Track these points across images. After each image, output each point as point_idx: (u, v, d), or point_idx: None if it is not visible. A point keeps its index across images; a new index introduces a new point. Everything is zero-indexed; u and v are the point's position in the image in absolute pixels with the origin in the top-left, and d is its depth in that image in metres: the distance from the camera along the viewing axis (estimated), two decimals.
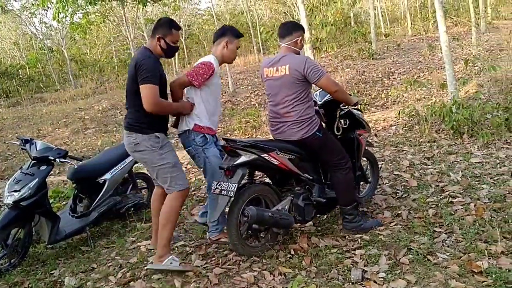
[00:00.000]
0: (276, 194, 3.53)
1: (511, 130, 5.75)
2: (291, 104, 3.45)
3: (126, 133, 3.41)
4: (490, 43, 12.57)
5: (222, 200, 3.22)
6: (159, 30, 3.39)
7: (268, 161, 3.32)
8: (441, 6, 6.54)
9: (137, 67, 3.21)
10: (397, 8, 30.43)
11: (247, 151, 3.28)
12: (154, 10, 24.26)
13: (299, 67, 3.38)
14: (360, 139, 3.95)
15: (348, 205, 3.60)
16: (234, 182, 3.18)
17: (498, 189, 4.04)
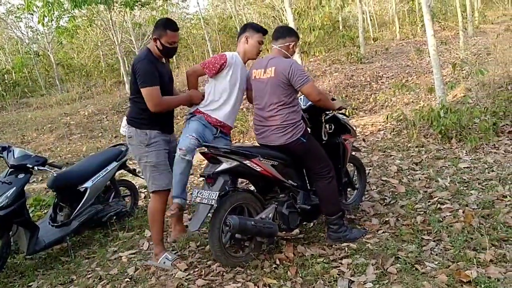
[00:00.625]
0: (259, 202, 3.41)
1: (499, 135, 5.73)
2: (276, 108, 3.36)
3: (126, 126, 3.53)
4: (477, 47, 12.61)
5: (203, 209, 3.12)
6: (155, 31, 3.46)
7: (251, 168, 3.21)
8: (429, 10, 6.51)
9: (134, 70, 3.35)
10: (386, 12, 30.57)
11: (228, 157, 3.18)
12: (142, 14, 24.08)
13: (285, 70, 3.30)
14: (345, 144, 3.87)
15: (333, 214, 3.49)
16: (215, 190, 3.08)
17: (487, 195, 3.99)
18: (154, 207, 3.50)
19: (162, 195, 3.48)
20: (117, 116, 12.26)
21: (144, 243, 3.99)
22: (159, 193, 3.46)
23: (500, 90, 7.22)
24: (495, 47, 7.49)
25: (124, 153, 4.65)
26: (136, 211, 4.85)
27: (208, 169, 3.25)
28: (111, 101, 14.22)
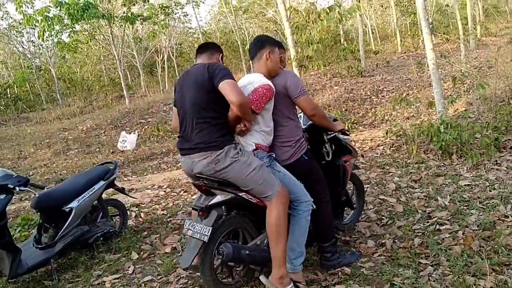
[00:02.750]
0: (255, 227, 3.18)
1: (501, 150, 5.57)
2: (280, 120, 3.18)
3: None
4: (479, 60, 12.50)
5: (194, 244, 2.88)
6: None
7: (246, 200, 2.99)
8: (427, 24, 6.40)
9: (212, 73, 2.88)
10: (388, 26, 30.62)
11: (223, 189, 2.96)
12: (144, 28, 24.17)
13: (283, 81, 3.15)
14: (346, 166, 3.69)
15: (326, 241, 3.29)
16: (208, 225, 2.86)
17: (488, 215, 3.81)
18: (279, 214, 2.88)
19: (286, 198, 2.95)
20: (115, 131, 12.18)
21: (130, 267, 3.83)
22: (281, 195, 2.91)
23: (502, 104, 7.07)
24: (497, 60, 7.34)
25: (112, 171, 4.51)
26: (125, 232, 4.69)
27: (201, 201, 3.02)
28: (110, 115, 14.15)
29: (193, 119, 2.88)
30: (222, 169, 2.82)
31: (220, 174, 2.85)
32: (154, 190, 6.53)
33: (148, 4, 18.19)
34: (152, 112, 13.86)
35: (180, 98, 3.04)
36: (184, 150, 2.96)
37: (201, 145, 2.83)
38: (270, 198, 2.89)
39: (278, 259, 2.89)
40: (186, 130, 2.94)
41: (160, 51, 26.36)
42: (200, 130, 2.86)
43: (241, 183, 2.89)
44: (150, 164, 8.80)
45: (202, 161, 2.83)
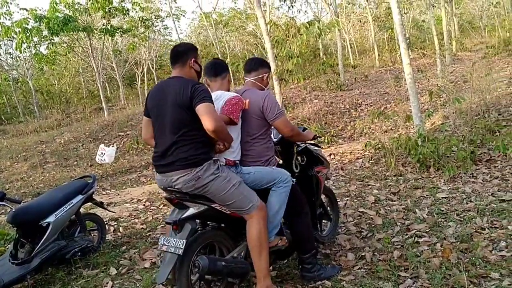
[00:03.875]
0: (231, 239, 3.18)
1: (477, 163, 5.68)
2: (249, 141, 3.21)
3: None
4: (455, 74, 12.76)
5: (170, 258, 2.84)
6: None
7: (220, 211, 3.01)
8: (404, 39, 6.52)
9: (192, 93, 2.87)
10: (366, 40, 31.07)
11: (195, 202, 2.95)
12: (124, 41, 24.07)
13: (258, 103, 3.19)
14: (319, 177, 3.74)
15: (306, 253, 3.31)
16: (182, 238, 2.82)
17: (465, 228, 3.88)
18: (260, 228, 2.95)
19: (264, 211, 3.03)
20: (93, 143, 12.04)
21: (108, 282, 3.76)
22: (261, 210, 3.00)
23: (477, 118, 7.23)
24: (472, 75, 7.53)
25: (90, 185, 4.45)
26: (103, 246, 4.61)
27: (174, 216, 3.00)
28: (88, 128, 13.99)
29: (173, 136, 2.86)
30: (203, 186, 2.84)
31: (201, 190, 2.86)
32: (133, 204, 6.46)
33: (128, 17, 18.13)
34: (131, 125, 13.75)
35: (157, 114, 2.99)
36: (160, 167, 2.94)
37: (180, 162, 2.83)
38: (249, 212, 2.95)
39: (262, 270, 2.95)
40: (163, 146, 2.91)
41: (140, 63, 26.25)
42: (179, 147, 2.84)
43: (220, 198, 2.91)
44: (129, 178, 8.71)
45: (182, 177, 2.82)
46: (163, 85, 3.05)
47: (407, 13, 27.97)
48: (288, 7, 21.62)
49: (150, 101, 3.07)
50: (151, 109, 3.06)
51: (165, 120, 2.92)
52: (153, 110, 3.03)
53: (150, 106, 3.06)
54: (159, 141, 2.98)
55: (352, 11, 29.28)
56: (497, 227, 3.81)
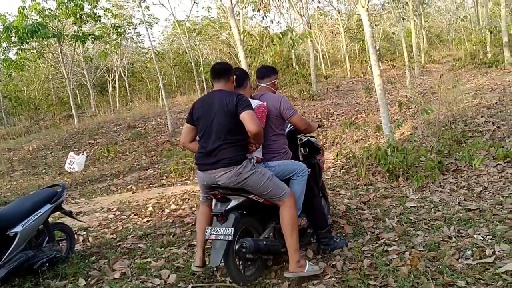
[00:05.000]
0: (260, 224, 3.70)
1: (444, 173, 5.82)
2: (271, 138, 3.79)
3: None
4: (423, 86, 13.08)
5: (220, 244, 3.31)
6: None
7: (255, 201, 3.52)
8: (375, 51, 6.66)
9: (237, 103, 3.40)
10: (338, 51, 31.54)
11: (236, 194, 3.46)
12: (95, 47, 23.79)
13: (275, 104, 3.80)
14: (320, 163, 4.31)
15: (323, 228, 3.90)
16: (229, 226, 3.32)
17: (433, 236, 3.96)
18: (292, 211, 3.50)
19: (293, 197, 3.57)
20: (62, 151, 11.83)
21: None
22: (291, 196, 3.54)
23: (444, 129, 7.42)
24: (439, 87, 7.74)
25: (59, 194, 4.36)
26: (72, 257, 4.52)
27: (218, 208, 3.46)
28: (57, 135, 13.75)
29: (219, 139, 3.37)
30: (243, 180, 3.36)
31: (242, 184, 3.38)
32: (103, 213, 6.36)
33: (100, 23, 17.92)
34: (102, 133, 13.57)
35: (204, 120, 3.47)
36: (205, 165, 3.45)
37: (224, 161, 3.34)
38: (282, 198, 3.50)
39: (293, 246, 3.46)
40: (209, 147, 3.41)
41: (111, 70, 25.99)
42: (224, 148, 3.36)
43: (258, 190, 3.46)
44: (99, 186, 8.58)
45: (226, 174, 3.34)
46: (210, 97, 3.58)
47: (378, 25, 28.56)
48: (261, 17, 21.79)
49: (197, 110, 3.56)
50: (198, 116, 3.53)
51: (212, 126, 3.42)
52: (200, 117, 3.51)
53: (197, 115, 3.54)
54: (204, 144, 3.46)
55: (324, 22, 29.71)
56: (463, 236, 3.90)
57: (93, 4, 14.95)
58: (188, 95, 22.64)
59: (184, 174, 8.21)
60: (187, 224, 5.24)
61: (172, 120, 13.57)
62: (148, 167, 9.84)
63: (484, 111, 8.66)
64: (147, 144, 12.07)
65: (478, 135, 7.23)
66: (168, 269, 3.87)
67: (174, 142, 11.85)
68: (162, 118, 14.94)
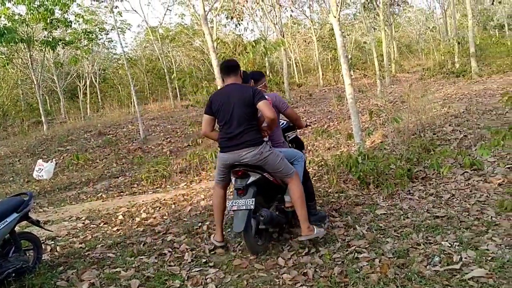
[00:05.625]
0: (265, 202, 4.39)
1: (413, 181, 5.92)
2: None
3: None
4: (394, 95, 13.32)
5: (242, 214, 3.97)
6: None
7: (267, 178, 4.20)
8: (346, 61, 6.76)
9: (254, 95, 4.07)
10: (311, 60, 31.87)
11: (254, 172, 4.11)
12: (66, 53, 23.39)
13: (272, 100, 4.41)
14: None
15: (312, 200, 4.69)
16: (249, 198, 4.03)
17: (402, 243, 4.02)
18: (300, 186, 4.19)
19: (298, 176, 4.27)
20: (31, 159, 11.55)
21: None
22: (297, 174, 4.24)
23: (413, 137, 7.56)
24: (409, 96, 7.90)
25: (26, 202, 4.25)
26: (39, 267, 4.41)
27: (239, 183, 4.11)
28: (26, 142, 13.43)
29: (240, 125, 4.03)
30: (264, 158, 4.05)
31: (262, 161, 4.06)
32: (71, 222, 6.24)
33: (71, 29, 17.64)
34: (72, 140, 13.33)
35: (224, 110, 4.10)
36: (230, 147, 4.08)
37: (248, 143, 4.02)
38: (291, 176, 4.19)
39: (303, 215, 4.12)
40: (231, 133, 4.05)
41: (82, 76, 25.59)
42: (246, 133, 4.03)
43: (274, 167, 4.13)
44: (68, 194, 8.41)
45: (250, 153, 4.01)
46: (226, 90, 4.21)
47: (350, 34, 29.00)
48: (235, 25, 21.85)
49: (215, 103, 4.17)
50: (217, 107, 4.14)
51: (233, 114, 4.05)
52: (220, 108, 4.12)
53: (217, 107, 4.15)
54: (228, 130, 4.08)
55: (298, 31, 30.01)
56: (431, 243, 3.97)
57: (64, 9, 14.70)
58: (160, 101, 22.47)
59: (155, 182, 8.13)
60: (158, 232, 5.18)
61: (144, 127, 13.43)
62: (119, 175, 9.70)
63: (451, 120, 8.88)
64: (118, 152, 11.91)
65: (446, 143, 7.40)
66: (138, 279, 3.81)
67: (146, 149, 11.74)
68: (133, 125, 14.77)
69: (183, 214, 5.88)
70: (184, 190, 7.21)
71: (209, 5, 12.66)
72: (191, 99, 9.98)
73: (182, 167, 8.72)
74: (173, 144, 11.82)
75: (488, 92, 11.87)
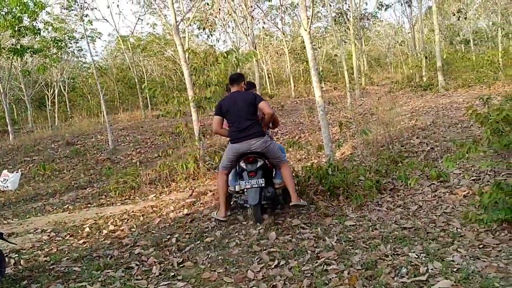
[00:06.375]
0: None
1: (382, 192, 5.99)
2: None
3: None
4: (363, 107, 13.52)
5: (255, 190, 5.14)
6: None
7: (267, 163, 5.46)
8: (317, 73, 6.83)
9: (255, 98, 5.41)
10: (283, 71, 32.12)
11: (261, 158, 5.34)
12: (34, 61, 22.90)
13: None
14: None
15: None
16: (259, 178, 5.22)
17: (370, 255, 4.04)
18: (290, 169, 5.60)
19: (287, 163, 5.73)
20: None
21: None
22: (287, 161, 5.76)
23: (382, 149, 7.67)
24: (377, 108, 8.02)
25: None
26: (2, 281, 4.26)
27: (250, 167, 5.29)
28: None
29: (248, 120, 5.23)
30: (267, 146, 5.30)
31: (266, 149, 5.29)
32: (36, 234, 6.06)
33: (39, 37, 17.30)
34: (38, 150, 13.02)
35: (234, 110, 5.27)
36: (241, 138, 5.23)
37: (256, 134, 5.24)
38: (284, 161, 5.53)
39: (292, 188, 5.37)
40: (241, 127, 5.23)
41: (50, 85, 25.11)
42: (253, 126, 5.25)
43: (273, 154, 5.38)
44: (34, 206, 8.19)
45: (257, 142, 5.22)
46: (233, 96, 5.43)
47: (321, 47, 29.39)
48: (207, 35, 21.86)
49: (225, 106, 5.35)
50: (227, 109, 5.31)
51: (241, 113, 5.25)
52: (229, 110, 5.29)
53: (226, 108, 5.32)
54: (238, 125, 5.24)
55: (270, 42, 30.22)
56: (399, 254, 4.02)
57: (33, 17, 14.41)
58: (131, 111, 22.21)
59: (124, 193, 7.99)
60: (126, 245, 5.08)
61: (113, 137, 13.23)
62: (87, 186, 9.51)
63: (419, 132, 9.06)
64: (86, 162, 11.69)
65: (413, 156, 7.54)
66: None
67: (115, 160, 11.56)
68: (103, 135, 14.54)
69: (151, 226, 5.79)
70: (153, 202, 7.11)
71: (181, 15, 12.65)
72: (162, 109, 9.90)
73: (151, 178, 8.60)
74: (143, 155, 11.67)
75: (454, 105, 12.18)
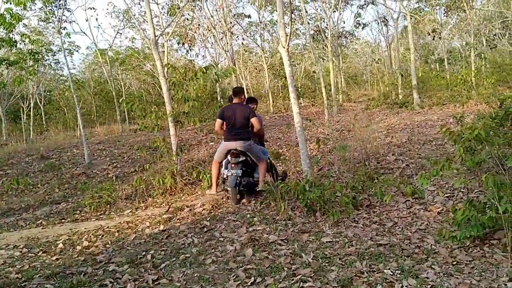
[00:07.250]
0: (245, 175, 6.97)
1: (358, 208, 6.04)
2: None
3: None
4: (340, 123, 13.67)
5: (234, 177, 6.75)
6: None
7: (248, 160, 6.95)
8: (294, 90, 6.90)
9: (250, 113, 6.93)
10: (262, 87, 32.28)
11: (243, 154, 6.89)
12: (10, 73, 22.53)
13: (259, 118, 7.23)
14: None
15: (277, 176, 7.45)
16: (239, 169, 6.80)
17: (346, 272, 4.06)
18: (265, 165, 7.08)
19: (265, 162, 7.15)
20: None
21: None
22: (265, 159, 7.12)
23: (359, 166, 7.76)
24: (354, 125, 8.13)
25: None
26: None
27: (234, 160, 6.81)
28: None
29: (240, 128, 6.84)
30: (250, 148, 6.86)
31: (249, 150, 6.86)
32: (8, 250, 5.90)
33: (16, 49, 17.05)
34: (12, 163, 12.76)
35: (231, 119, 6.85)
36: (231, 138, 6.86)
37: (243, 138, 6.82)
38: (262, 160, 6.99)
39: (262, 178, 6.95)
40: (234, 131, 6.84)
41: (26, 97, 24.72)
42: (242, 132, 6.85)
43: (255, 153, 6.93)
44: (6, 221, 7.98)
45: (244, 144, 6.80)
46: (233, 106, 6.97)
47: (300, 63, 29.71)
48: (186, 50, 21.90)
49: (226, 112, 6.91)
50: (227, 116, 6.88)
51: (236, 122, 6.82)
52: (228, 116, 6.86)
53: (228, 114, 6.88)
54: (232, 129, 6.86)
55: (249, 58, 30.42)
56: (374, 271, 4.05)
57: (9, 29, 14.21)
58: (108, 125, 21.98)
59: (99, 208, 7.85)
60: (100, 262, 4.98)
61: (89, 151, 13.06)
62: (61, 201, 9.32)
63: (395, 150, 9.20)
64: (61, 176, 11.48)
65: (389, 172, 7.64)
66: None
67: (90, 174, 11.39)
68: (78, 149, 14.33)
69: (126, 243, 5.70)
70: (129, 217, 7.01)
71: (160, 30, 12.66)
72: (140, 123, 9.79)
73: (127, 193, 8.48)
74: (119, 169, 11.54)
75: (429, 123, 12.43)
